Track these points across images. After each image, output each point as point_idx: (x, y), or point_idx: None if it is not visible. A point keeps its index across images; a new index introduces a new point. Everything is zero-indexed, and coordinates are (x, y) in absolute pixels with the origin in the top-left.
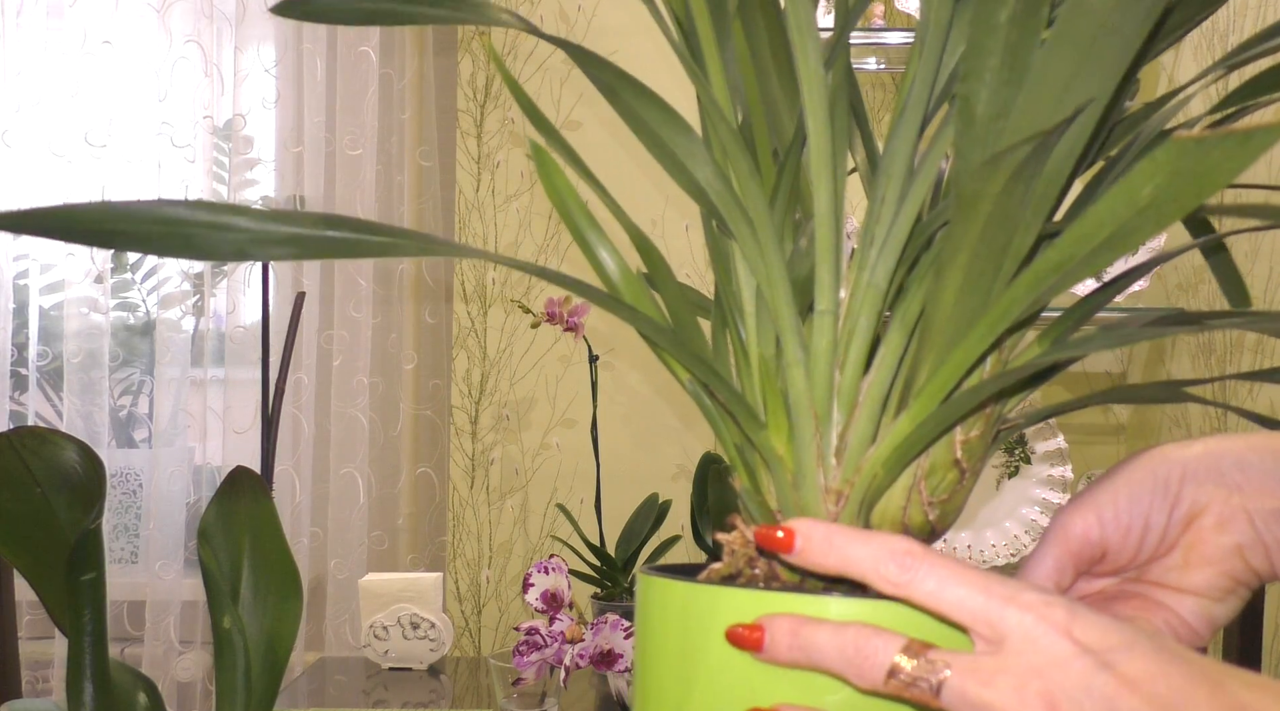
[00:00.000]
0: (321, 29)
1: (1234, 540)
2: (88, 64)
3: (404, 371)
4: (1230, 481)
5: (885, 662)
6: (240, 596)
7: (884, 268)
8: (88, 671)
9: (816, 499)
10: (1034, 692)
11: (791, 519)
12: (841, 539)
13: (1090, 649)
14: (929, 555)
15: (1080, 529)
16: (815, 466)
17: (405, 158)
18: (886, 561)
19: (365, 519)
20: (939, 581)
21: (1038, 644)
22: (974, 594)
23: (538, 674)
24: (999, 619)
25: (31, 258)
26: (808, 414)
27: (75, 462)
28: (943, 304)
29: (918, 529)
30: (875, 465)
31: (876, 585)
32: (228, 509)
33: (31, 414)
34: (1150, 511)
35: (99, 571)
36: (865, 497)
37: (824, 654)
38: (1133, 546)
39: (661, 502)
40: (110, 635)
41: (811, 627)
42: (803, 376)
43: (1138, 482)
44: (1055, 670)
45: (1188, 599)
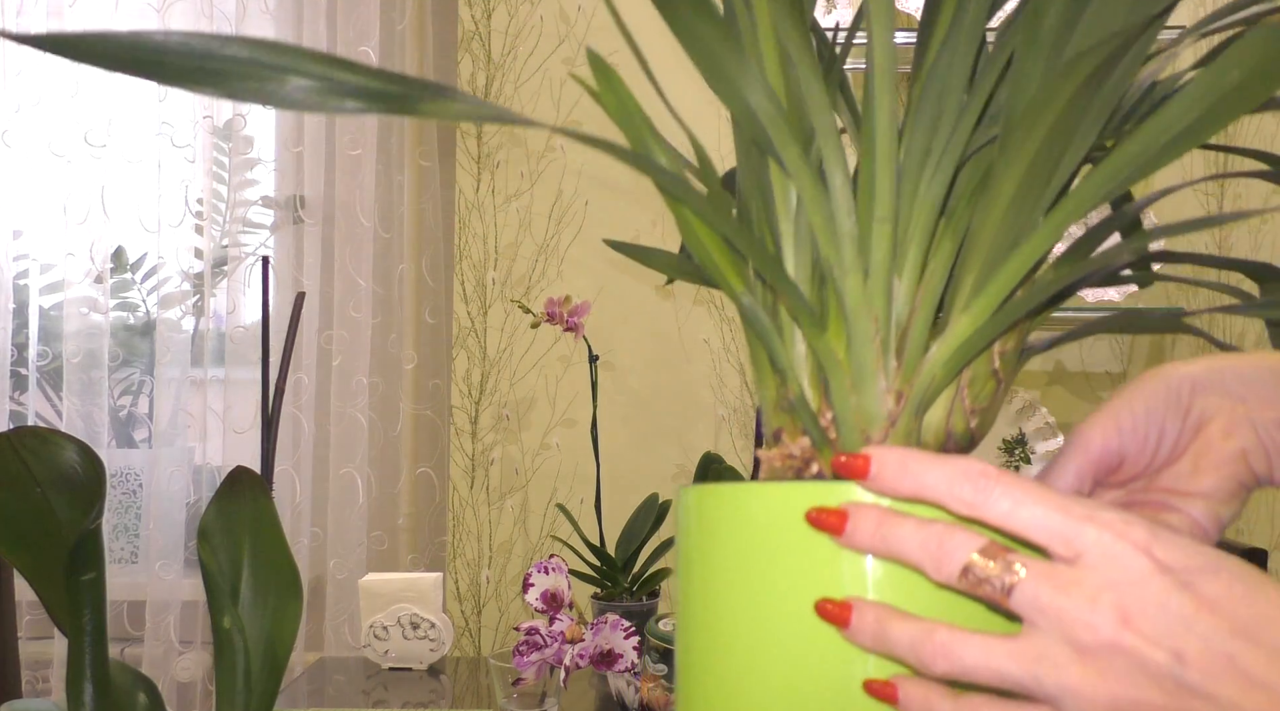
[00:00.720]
0: (322, 28)
1: (1239, 445)
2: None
3: (404, 371)
4: (1234, 393)
5: (963, 558)
6: (240, 596)
7: (941, 179)
8: (88, 671)
9: (876, 400)
10: (1108, 604)
11: (867, 447)
12: (916, 463)
13: (1170, 568)
14: (1003, 476)
15: (1100, 439)
16: (876, 367)
17: (405, 158)
18: (961, 482)
19: (365, 519)
20: (1014, 501)
21: (1116, 560)
22: (1050, 512)
23: (538, 674)
24: (1076, 535)
25: (31, 258)
26: (867, 318)
27: (75, 462)
28: (993, 214)
29: (960, 436)
30: (935, 366)
31: (951, 507)
32: (228, 509)
33: (31, 414)
34: (1165, 420)
35: (99, 571)
36: (923, 399)
37: (905, 544)
38: (1148, 455)
39: (661, 503)
40: (110, 635)
41: (897, 518)
42: (862, 282)
43: (1152, 394)
44: (1132, 586)
45: (1198, 502)
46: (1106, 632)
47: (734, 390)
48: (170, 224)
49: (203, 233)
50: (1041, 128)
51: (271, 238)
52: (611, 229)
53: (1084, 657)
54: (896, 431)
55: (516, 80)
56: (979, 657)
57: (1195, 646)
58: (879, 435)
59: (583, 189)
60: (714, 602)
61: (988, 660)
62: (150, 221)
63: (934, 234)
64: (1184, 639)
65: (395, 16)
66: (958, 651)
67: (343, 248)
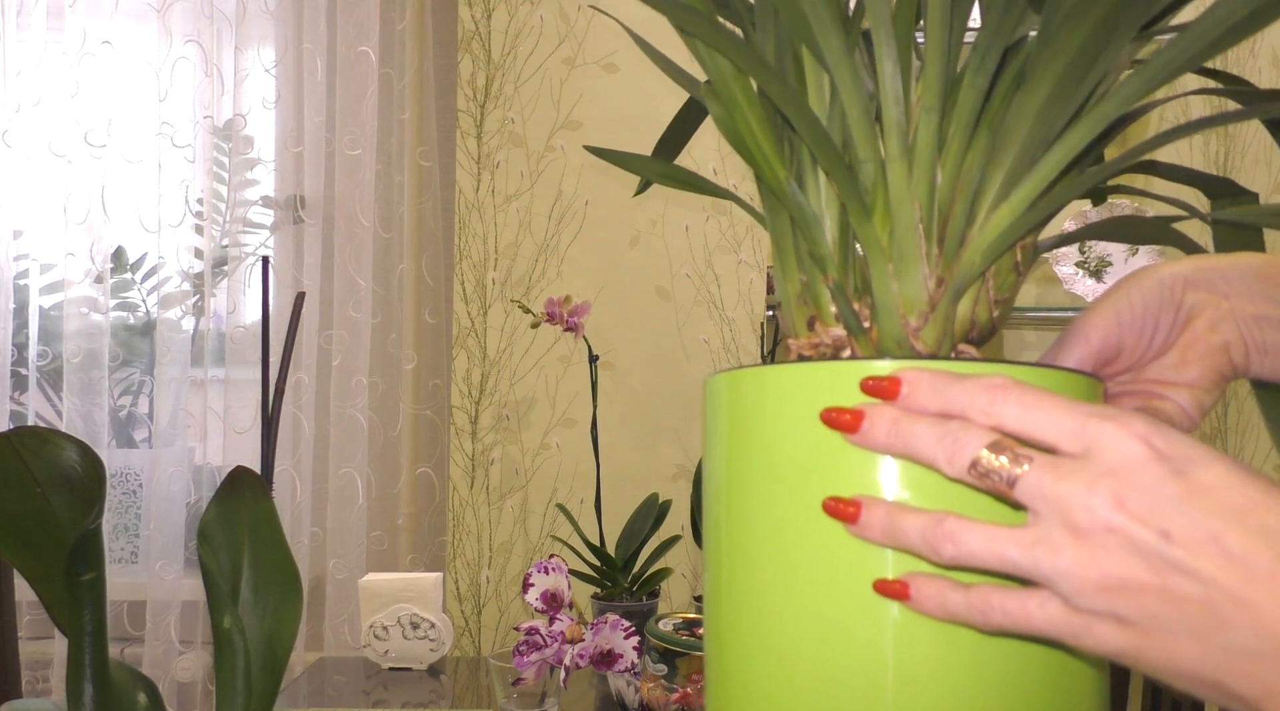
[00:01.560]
0: (322, 28)
1: (1223, 338)
2: (88, 64)
3: (404, 371)
4: (1220, 290)
5: (973, 453)
6: (240, 596)
7: (986, 71)
8: (88, 671)
9: (919, 286)
10: (1104, 488)
11: (897, 369)
12: (942, 381)
13: (1166, 456)
14: (1017, 386)
15: (1101, 332)
16: (919, 254)
17: (405, 158)
18: (980, 394)
19: (365, 519)
20: (1025, 407)
21: (1117, 449)
22: (1059, 413)
23: (538, 674)
24: (1082, 430)
25: (31, 258)
26: (911, 205)
27: (75, 462)
28: (1029, 108)
29: (983, 324)
30: (974, 253)
31: (973, 417)
32: (228, 509)
33: (31, 414)
34: (1160, 315)
35: (99, 571)
36: (961, 286)
37: (920, 441)
38: (1142, 347)
39: (661, 502)
40: (110, 635)
41: (912, 417)
42: (906, 170)
43: (1148, 289)
44: (1129, 471)
45: (1183, 391)
46: (1101, 514)
47: None
48: (170, 224)
49: (203, 233)
50: (1086, 24)
51: (271, 238)
52: (611, 229)
53: (1079, 539)
54: (936, 317)
55: (517, 80)
56: (983, 542)
57: (1182, 526)
58: (918, 321)
59: (583, 189)
60: (741, 484)
61: (990, 544)
62: (150, 221)
63: (976, 126)
64: (1172, 519)
65: (395, 16)
66: (964, 537)
67: (343, 248)
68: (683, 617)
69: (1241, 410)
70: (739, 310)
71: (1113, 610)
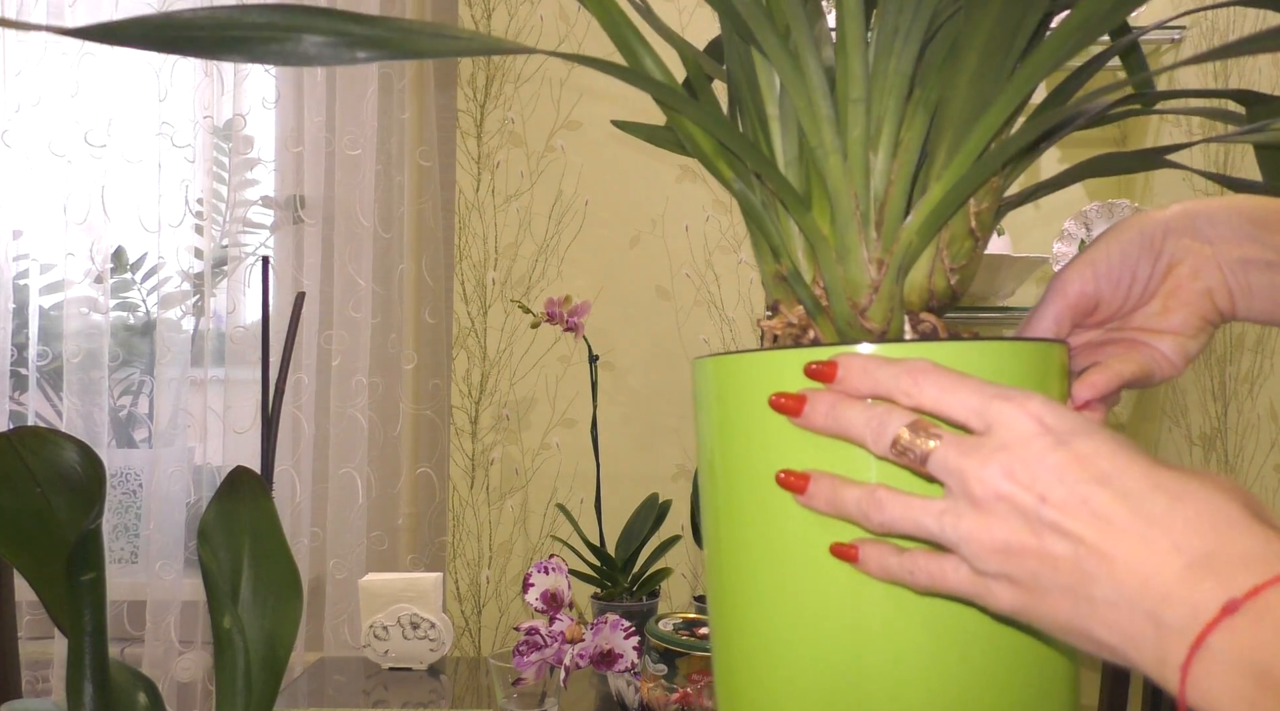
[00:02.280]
0: None
1: (1205, 285)
2: (88, 64)
3: (404, 371)
4: (1203, 235)
5: (893, 432)
6: (240, 596)
7: (908, 55)
8: (88, 671)
9: (860, 269)
10: (997, 461)
11: (835, 354)
12: (872, 365)
13: (1052, 429)
14: (938, 369)
15: (1077, 285)
16: (858, 240)
17: (405, 158)
18: (903, 377)
19: (365, 519)
20: (940, 389)
21: (1012, 427)
22: (968, 395)
23: (538, 674)
24: (985, 409)
25: (31, 258)
26: (848, 194)
27: (75, 462)
28: (960, 83)
29: (941, 293)
30: (910, 233)
31: (897, 399)
32: (228, 509)
33: (31, 414)
34: (1138, 264)
35: (99, 571)
36: (902, 264)
37: (852, 423)
38: (1121, 297)
39: (661, 502)
40: (110, 635)
41: (846, 402)
42: (840, 162)
43: (1127, 241)
44: (1019, 445)
45: (1166, 338)
46: (993, 484)
47: None
48: (170, 224)
49: (203, 233)
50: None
51: (271, 238)
52: (611, 229)
53: (976, 508)
54: (880, 296)
55: (517, 80)
56: (902, 510)
57: (1058, 491)
58: (864, 300)
59: (583, 189)
60: (727, 458)
61: (907, 512)
62: (150, 221)
63: (905, 110)
64: (1050, 485)
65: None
66: (888, 505)
67: (343, 248)
68: (683, 617)
69: (1241, 410)
70: (739, 310)
71: (1004, 571)
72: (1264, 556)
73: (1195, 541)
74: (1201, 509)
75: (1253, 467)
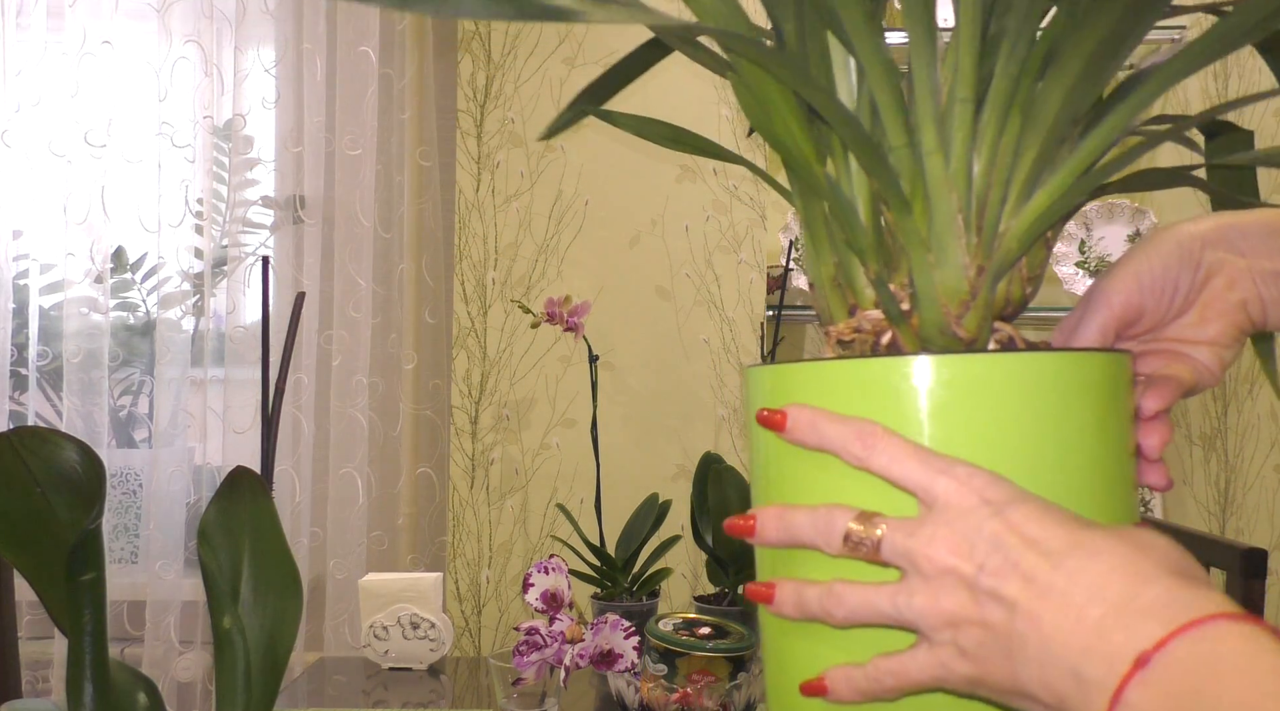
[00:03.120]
0: (321, 28)
1: (1240, 296)
2: (88, 64)
3: (404, 371)
4: (1237, 248)
5: (842, 528)
6: (240, 596)
7: (1017, 58)
8: (88, 671)
9: (959, 275)
10: (942, 538)
11: (786, 405)
12: (821, 420)
13: (990, 501)
14: (886, 435)
15: (1123, 296)
16: (958, 244)
17: (405, 158)
18: (852, 439)
19: (365, 519)
20: (890, 457)
21: (954, 502)
22: (916, 466)
23: (538, 674)
24: (931, 484)
25: (31, 258)
26: (949, 197)
27: (75, 462)
28: (1055, 93)
29: (1016, 301)
30: (1011, 240)
31: (845, 459)
32: (228, 509)
33: (31, 414)
34: (1179, 276)
35: (99, 571)
36: (999, 271)
37: (801, 530)
38: (1164, 308)
39: (661, 502)
40: (110, 635)
41: (791, 510)
42: (943, 162)
43: (1168, 252)
44: (962, 519)
45: (1204, 348)
46: (939, 560)
47: (734, 390)
48: (170, 224)
49: (203, 233)
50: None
51: (271, 238)
52: (612, 229)
53: (928, 583)
54: (977, 304)
55: (517, 80)
56: (859, 600)
57: (994, 559)
58: (959, 309)
59: (583, 189)
60: (770, 478)
61: (864, 599)
62: (150, 221)
63: (1008, 113)
64: (987, 554)
65: (395, 16)
66: (846, 598)
67: (343, 248)
68: (683, 617)
69: (1241, 410)
70: (739, 310)
71: (956, 642)
72: (1169, 605)
73: (1108, 594)
74: (1114, 563)
75: (1253, 467)
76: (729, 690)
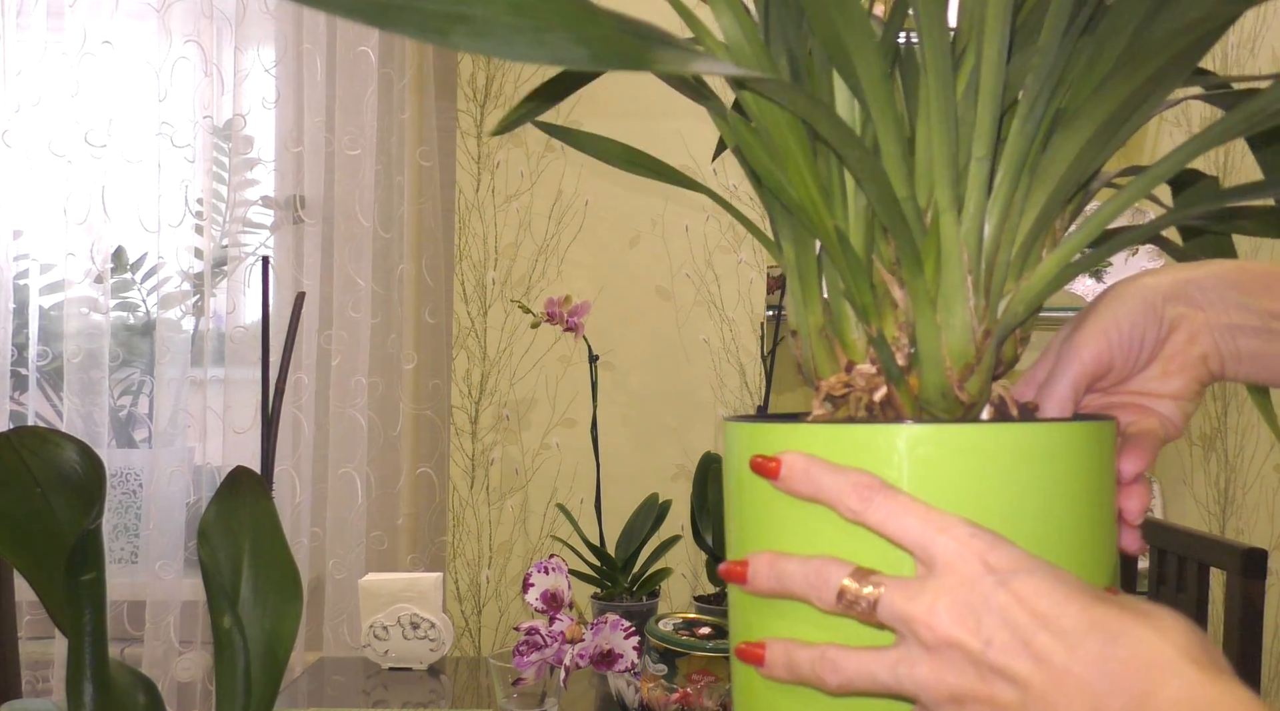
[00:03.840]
0: (321, 28)
1: (1200, 350)
2: (88, 64)
3: (404, 371)
4: (1195, 302)
5: (836, 584)
6: (240, 596)
7: (1035, 118)
8: (88, 671)
9: (966, 337)
10: (944, 606)
11: (781, 452)
12: (817, 470)
13: (995, 570)
14: (884, 489)
15: (1093, 351)
16: (965, 306)
17: (405, 158)
18: (849, 492)
19: (365, 519)
20: (887, 513)
21: (955, 566)
22: (915, 523)
23: (538, 674)
24: (930, 543)
25: (31, 258)
26: (960, 257)
27: (75, 462)
28: (1062, 158)
29: (1008, 360)
30: (1018, 304)
31: (840, 512)
32: (228, 509)
33: (31, 414)
34: (1145, 330)
35: (99, 571)
36: (1004, 334)
37: (792, 582)
38: (1130, 362)
39: (661, 502)
40: (110, 635)
41: (783, 557)
42: (955, 221)
43: (1133, 308)
44: (965, 587)
45: (1167, 402)
46: (942, 630)
47: (734, 390)
48: (170, 224)
49: (203, 233)
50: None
51: (271, 238)
52: (612, 229)
53: (930, 654)
54: (980, 367)
55: (517, 80)
56: (856, 667)
57: (1002, 635)
58: (962, 373)
59: (583, 189)
60: (756, 528)
61: (861, 667)
62: (150, 221)
63: (1020, 173)
64: (995, 628)
65: None
66: (842, 664)
67: (343, 248)
68: (683, 617)
69: (1241, 410)
70: (739, 310)
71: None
72: (1193, 702)
73: (1129, 685)
74: (1137, 651)
75: (1253, 468)
76: (729, 690)
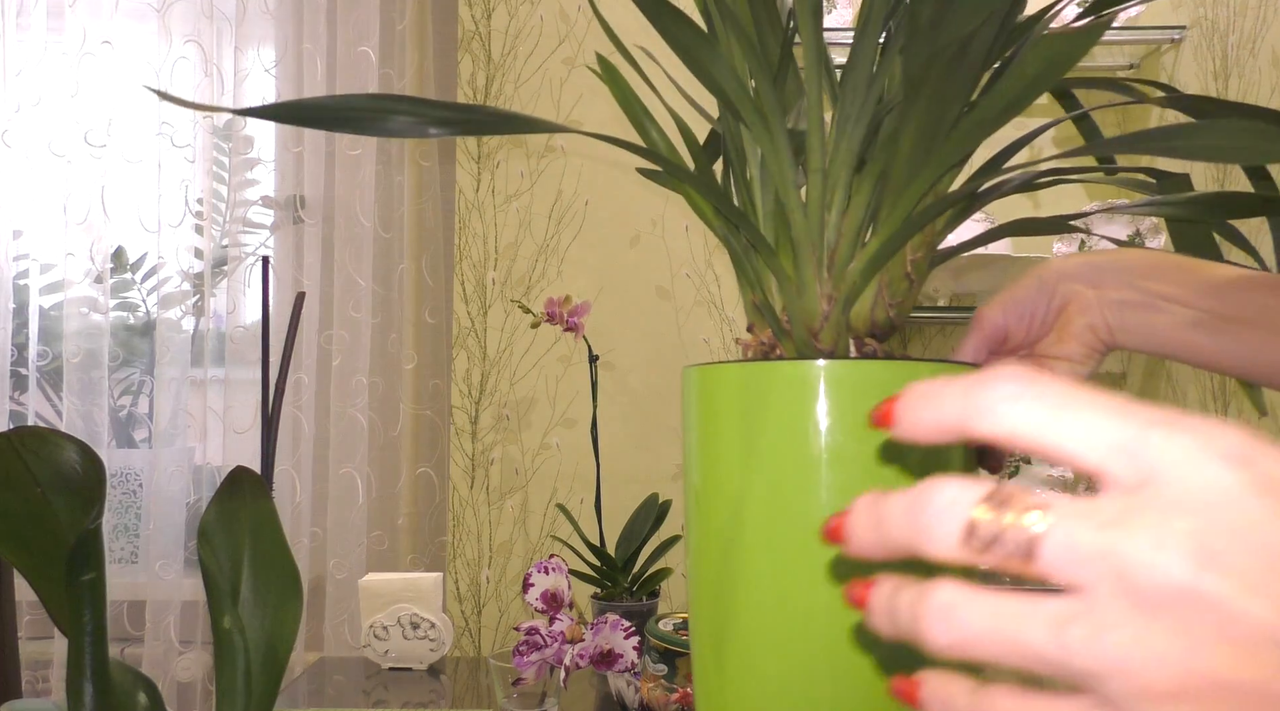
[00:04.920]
0: (322, 29)
1: (1088, 320)
2: (88, 64)
3: (404, 371)
4: (1091, 281)
5: (961, 516)
6: (240, 596)
7: (857, 136)
8: (88, 671)
9: (815, 302)
10: (1180, 534)
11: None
12: (935, 392)
13: (1274, 484)
14: (1033, 377)
15: (990, 320)
16: (814, 279)
17: (405, 158)
18: (976, 390)
19: (365, 519)
20: (1049, 405)
21: (1196, 473)
22: (1105, 419)
23: (538, 674)
24: (1142, 444)
25: (31, 258)
26: (807, 243)
27: (75, 462)
28: (899, 159)
29: (883, 323)
30: (854, 275)
31: (971, 425)
32: (228, 509)
33: (31, 414)
34: (1035, 303)
35: (99, 571)
36: (847, 299)
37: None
38: (1024, 329)
39: (661, 503)
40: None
41: (886, 497)
42: (802, 218)
43: (1029, 285)
44: (1218, 510)
45: (1063, 363)
46: (1177, 574)
47: None
48: (170, 224)
49: (203, 233)
50: (924, 96)
51: (271, 238)
52: (612, 229)
53: (1143, 612)
54: (829, 324)
55: (516, 80)
56: (987, 621)
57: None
58: (817, 326)
59: (583, 189)
60: (711, 459)
61: (997, 622)
62: (150, 221)
63: (854, 178)
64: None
65: (395, 16)
66: (961, 613)
67: (343, 248)
68: (683, 617)
69: (1241, 411)
70: (739, 310)
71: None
72: None
73: None
74: None
75: None
76: None
